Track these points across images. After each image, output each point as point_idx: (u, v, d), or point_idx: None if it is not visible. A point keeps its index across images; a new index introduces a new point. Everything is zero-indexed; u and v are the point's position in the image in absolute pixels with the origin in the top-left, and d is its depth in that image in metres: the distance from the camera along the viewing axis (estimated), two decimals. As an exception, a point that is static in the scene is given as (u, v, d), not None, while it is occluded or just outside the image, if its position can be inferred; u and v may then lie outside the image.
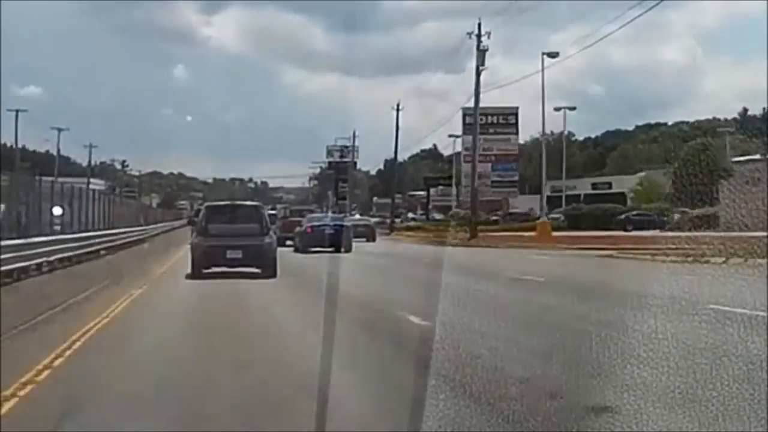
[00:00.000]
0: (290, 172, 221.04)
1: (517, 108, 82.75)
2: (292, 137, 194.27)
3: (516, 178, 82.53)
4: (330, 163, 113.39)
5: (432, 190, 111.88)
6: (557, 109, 73.90)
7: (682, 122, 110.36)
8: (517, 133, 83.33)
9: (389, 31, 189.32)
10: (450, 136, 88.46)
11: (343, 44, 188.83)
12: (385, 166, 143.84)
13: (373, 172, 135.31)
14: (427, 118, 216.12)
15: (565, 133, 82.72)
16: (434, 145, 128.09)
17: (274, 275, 22.79)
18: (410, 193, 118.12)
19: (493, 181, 79.89)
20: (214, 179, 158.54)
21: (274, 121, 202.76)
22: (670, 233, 37.79)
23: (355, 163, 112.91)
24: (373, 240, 55.54)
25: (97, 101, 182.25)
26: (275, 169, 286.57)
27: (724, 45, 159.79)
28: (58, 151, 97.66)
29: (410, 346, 10.18)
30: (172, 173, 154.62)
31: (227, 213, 25.42)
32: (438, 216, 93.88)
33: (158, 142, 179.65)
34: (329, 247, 37.38)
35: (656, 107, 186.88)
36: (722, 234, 25.90)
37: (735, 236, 23.59)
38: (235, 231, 23.66)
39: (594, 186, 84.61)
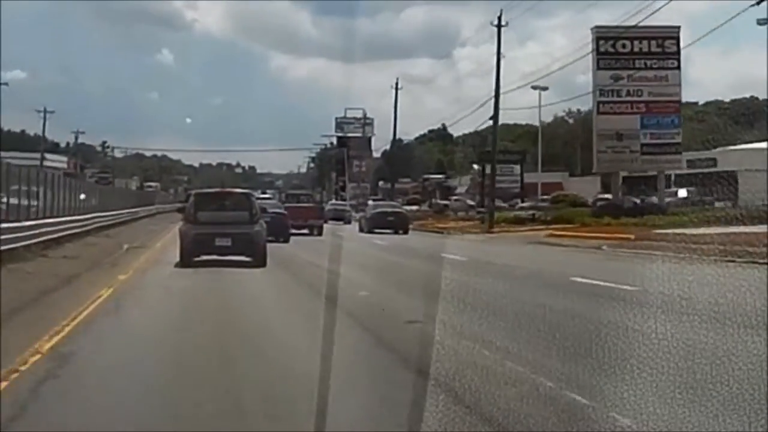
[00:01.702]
0: (279, 157, 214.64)
1: (677, 29, 54.04)
2: (279, 122, 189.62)
3: (679, 139, 54.38)
4: (339, 138, 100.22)
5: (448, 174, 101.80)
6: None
7: (716, 101, 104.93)
8: (678, 68, 53.71)
9: (376, 16, 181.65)
10: (534, 87, 68.66)
11: (331, 29, 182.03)
12: (391, 146, 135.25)
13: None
14: (416, 104, 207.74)
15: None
16: (443, 125, 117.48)
17: (263, 264, 22.70)
18: (425, 176, 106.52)
19: (644, 145, 53.01)
20: (201, 164, 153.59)
21: (261, 107, 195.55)
22: None
23: (370, 139, 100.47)
24: (406, 232, 46.07)
25: (82, 85, 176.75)
26: (264, 154, 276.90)
27: (714, 31, 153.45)
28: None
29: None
30: (155, 155, 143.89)
31: (217, 200, 25.34)
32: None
33: (144, 126, 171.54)
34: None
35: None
36: None
37: None
38: (225, 218, 23.69)
39: (691, 164, 62.03)
